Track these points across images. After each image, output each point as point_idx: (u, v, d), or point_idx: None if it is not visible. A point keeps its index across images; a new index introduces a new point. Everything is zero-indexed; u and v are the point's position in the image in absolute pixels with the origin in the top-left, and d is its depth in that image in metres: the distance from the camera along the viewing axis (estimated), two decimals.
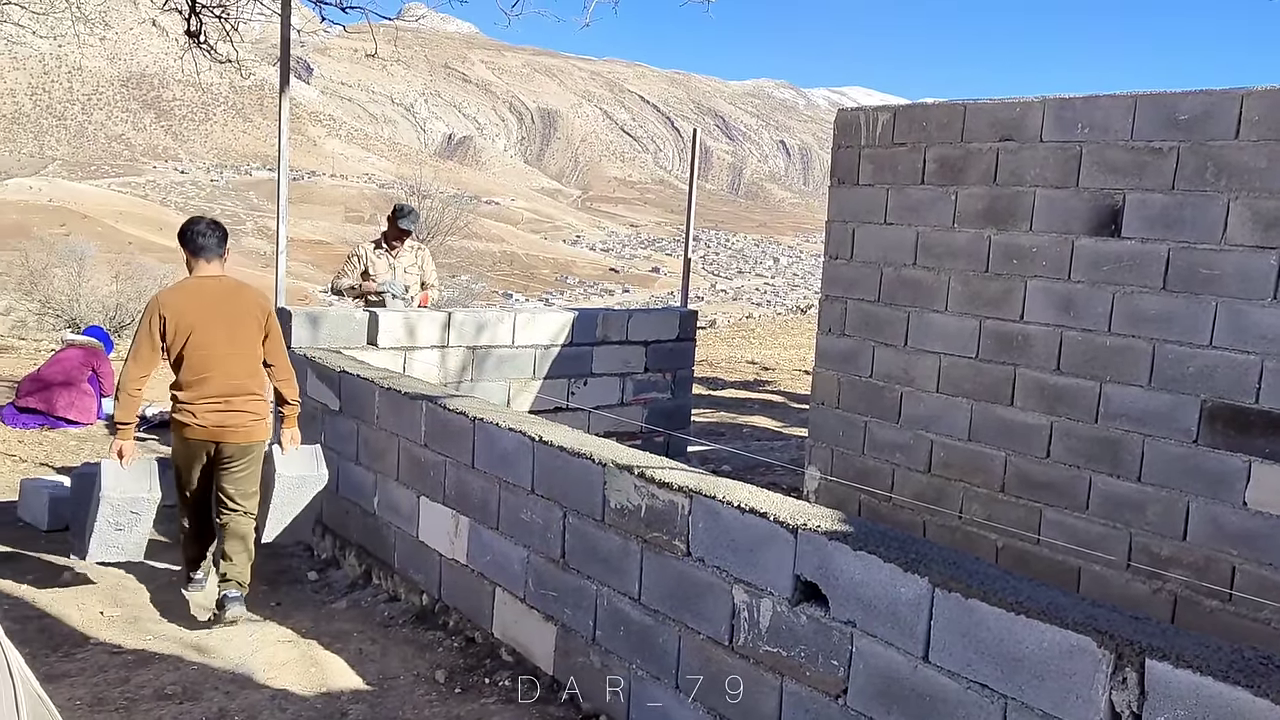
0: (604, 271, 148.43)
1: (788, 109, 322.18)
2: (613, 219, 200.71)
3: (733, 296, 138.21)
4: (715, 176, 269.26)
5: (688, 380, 7.10)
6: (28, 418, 7.88)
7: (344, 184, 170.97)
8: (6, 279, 43.60)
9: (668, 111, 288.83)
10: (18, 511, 5.55)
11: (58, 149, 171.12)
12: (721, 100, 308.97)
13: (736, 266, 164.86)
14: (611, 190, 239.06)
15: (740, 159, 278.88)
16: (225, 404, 4.32)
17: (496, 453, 3.92)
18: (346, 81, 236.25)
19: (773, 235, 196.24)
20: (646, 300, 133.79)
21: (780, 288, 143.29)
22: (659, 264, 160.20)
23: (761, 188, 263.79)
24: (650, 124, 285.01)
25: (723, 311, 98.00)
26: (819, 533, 2.65)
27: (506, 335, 6.22)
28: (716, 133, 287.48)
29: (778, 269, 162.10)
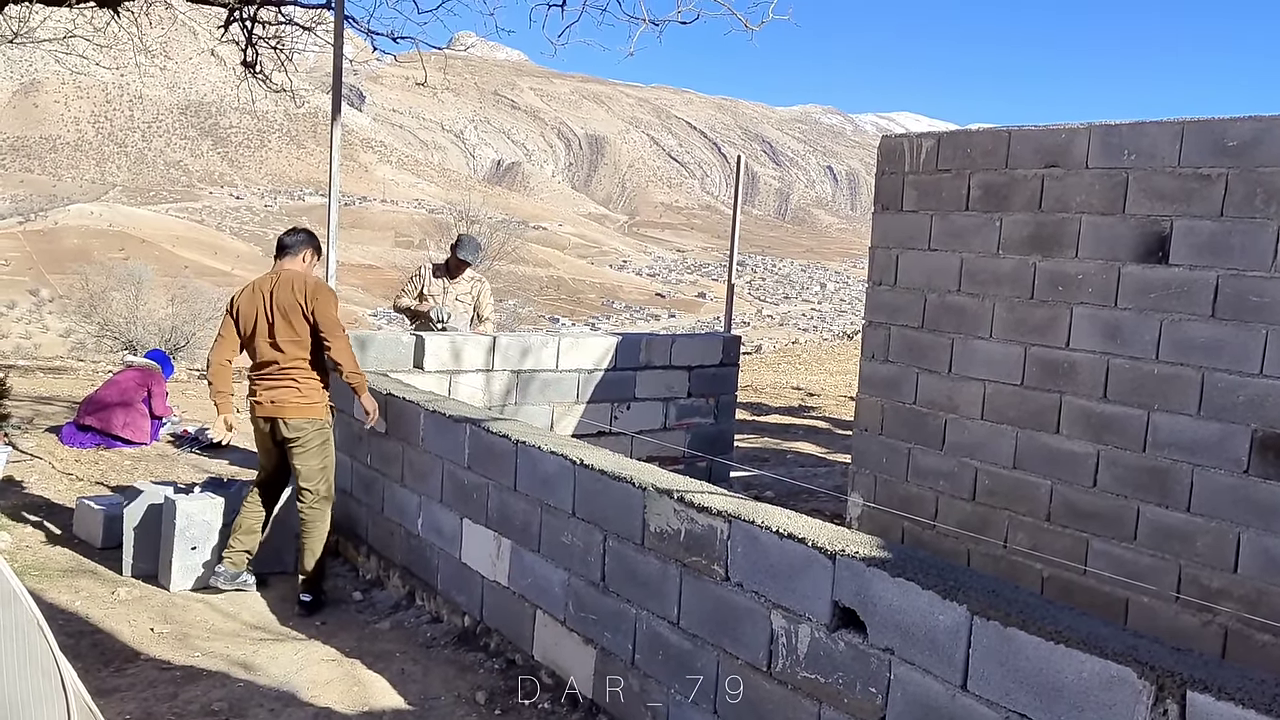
0: (650, 296, 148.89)
1: (835, 134, 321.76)
2: (659, 244, 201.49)
3: (779, 322, 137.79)
4: (762, 202, 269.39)
5: (730, 405, 7.11)
6: (85, 437, 8.08)
7: (394, 209, 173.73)
8: (67, 302, 44.65)
9: (715, 137, 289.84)
10: (74, 529, 5.69)
11: (118, 175, 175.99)
12: (769, 126, 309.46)
13: (783, 292, 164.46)
14: (658, 215, 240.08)
15: (787, 184, 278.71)
16: (275, 383, 4.77)
17: (538, 476, 3.96)
18: (398, 109, 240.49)
19: (820, 260, 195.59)
20: (692, 325, 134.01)
21: (827, 313, 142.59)
22: (705, 289, 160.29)
23: (808, 213, 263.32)
24: (697, 149, 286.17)
25: (769, 337, 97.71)
26: (857, 559, 2.65)
27: (550, 359, 6.29)
28: (763, 158, 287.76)
29: (825, 294, 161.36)
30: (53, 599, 4.66)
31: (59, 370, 15.12)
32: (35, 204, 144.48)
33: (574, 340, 6.40)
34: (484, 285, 7.32)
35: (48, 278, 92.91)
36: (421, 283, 7.13)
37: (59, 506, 6.29)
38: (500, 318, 28.04)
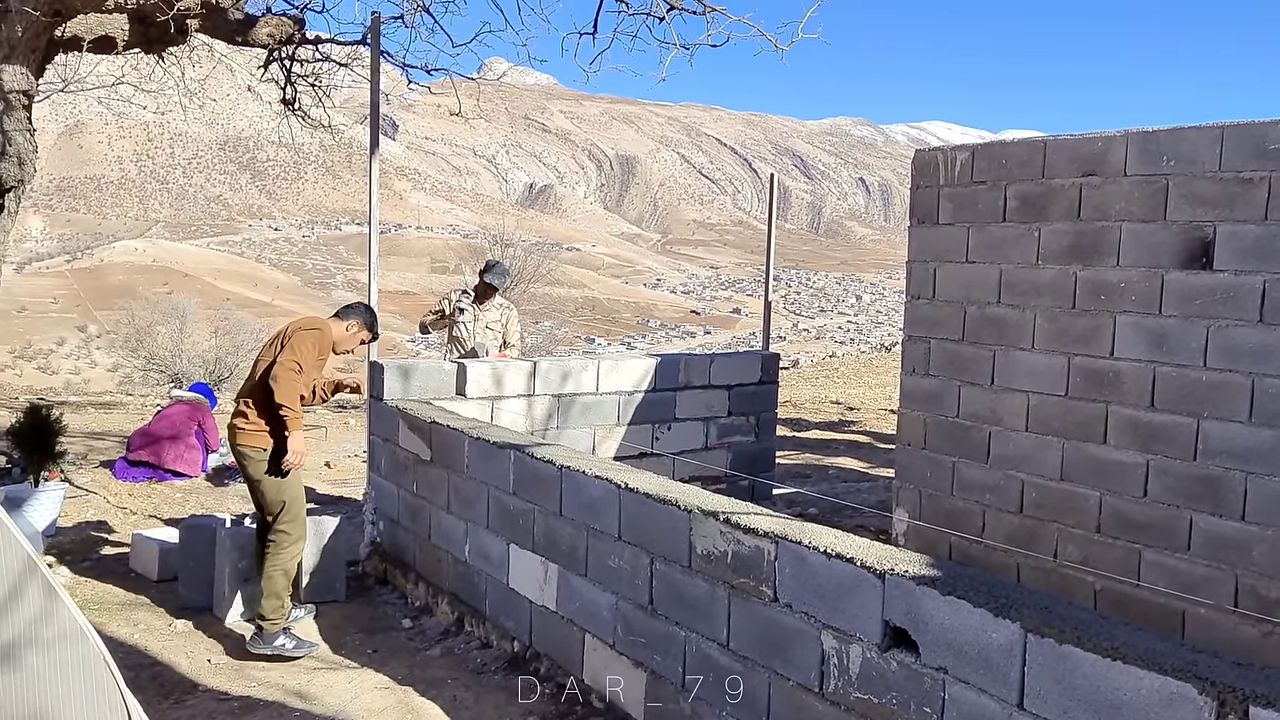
0: (685, 314, 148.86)
1: (866, 146, 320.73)
2: (693, 261, 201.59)
3: (815, 335, 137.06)
4: (794, 216, 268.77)
5: (771, 423, 7.10)
6: (137, 471, 8.24)
7: (429, 235, 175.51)
8: (114, 337, 45.49)
9: (745, 153, 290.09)
10: (130, 563, 5.81)
11: (160, 211, 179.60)
12: (799, 140, 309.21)
13: (818, 305, 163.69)
14: (691, 233, 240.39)
15: (819, 197, 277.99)
16: (233, 411, 4.96)
17: (583, 500, 3.99)
18: (430, 136, 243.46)
19: (854, 272, 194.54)
20: (728, 341, 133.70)
21: (863, 325, 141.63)
22: (740, 304, 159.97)
23: (842, 225, 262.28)
24: (728, 166, 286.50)
25: (805, 351, 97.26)
26: (907, 577, 2.65)
27: (590, 382, 6.32)
28: (795, 172, 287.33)
29: (860, 306, 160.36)
30: (112, 632, 4.75)
31: (109, 405, 15.45)
32: (81, 242, 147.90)
33: (613, 362, 6.43)
34: (512, 313, 7.40)
35: (95, 314, 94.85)
36: (451, 306, 7.28)
37: (115, 540, 6.42)
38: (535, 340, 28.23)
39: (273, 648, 4.52)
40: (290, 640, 4.58)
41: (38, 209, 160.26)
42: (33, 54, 4.84)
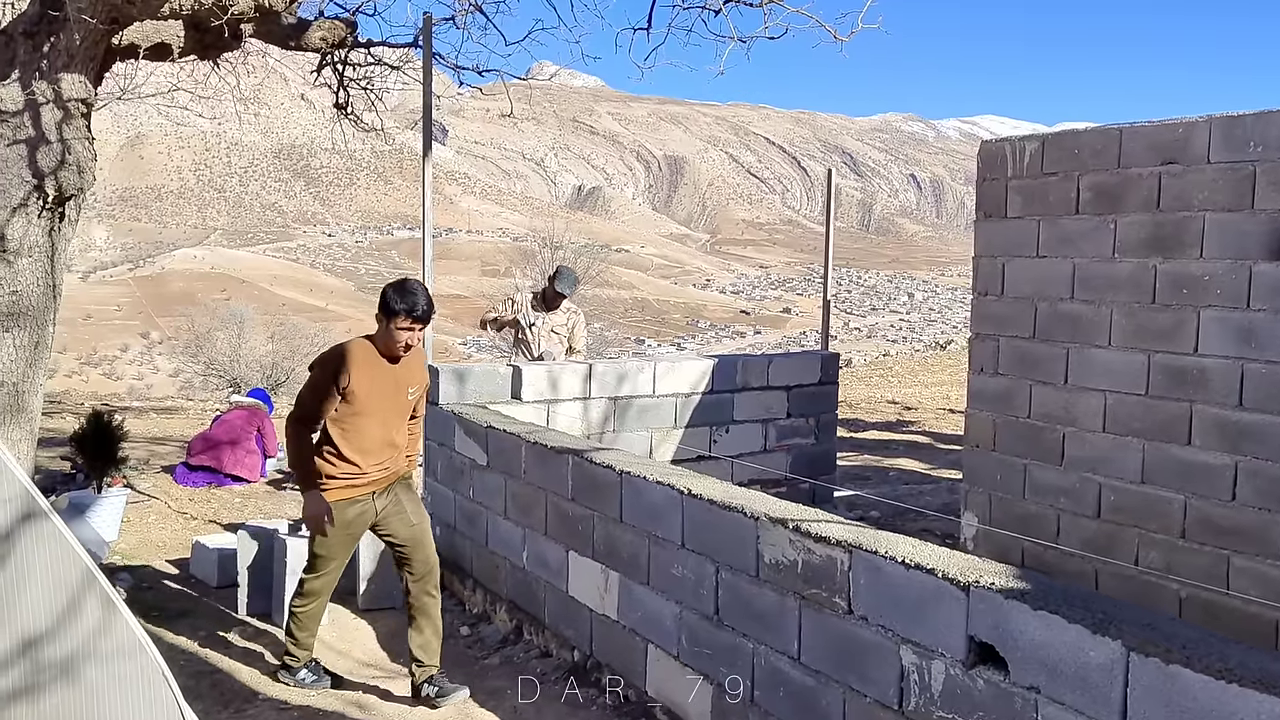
0: (735, 314, 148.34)
1: (917, 142, 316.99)
2: (742, 261, 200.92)
3: (866, 334, 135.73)
4: (845, 214, 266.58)
5: (831, 425, 6.94)
6: (197, 476, 8.31)
7: (479, 239, 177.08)
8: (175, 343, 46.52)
9: (794, 151, 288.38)
10: (190, 568, 5.83)
11: (218, 219, 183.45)
12: (848, 137, 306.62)
13: (869, 304, 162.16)
14: (740, 233, 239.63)
15: (870, 195, 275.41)
16: None
17: (644, 506, 3.88)
18: (480, 140, 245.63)
19: (906, 270, 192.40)
20: (778, 341, 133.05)
21: (916, 323, 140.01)
22: (790, 304, 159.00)
23: (893, 223, 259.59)
24: (777, 165, 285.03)
25: (857, 350, 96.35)
26: (993, 590, 2.49)
27: (647, 385, 6.22)
28: (844, 169, 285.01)
29: (912, 304, 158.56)
30: (173, 640, 4.75)
31: (170, 410, 15.70)
32: (143, 251, 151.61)
33: (670, 364, 6.32)
34: (579, 317, 7.32)
35: (156, 321, 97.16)
36: (518, 307, 7.20)
37: (176, 545, 6.46)
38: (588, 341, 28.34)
39: (295, 680, 4.30)
40: (310, 675, 4.32)
41: (101, 219, 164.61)
42: (91, 62, 4.86)
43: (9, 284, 4.94)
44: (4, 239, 4.86)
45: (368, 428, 4.07)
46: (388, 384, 4.09)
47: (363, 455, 4.07)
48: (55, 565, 2.45)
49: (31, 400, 5.21)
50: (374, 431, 4.08)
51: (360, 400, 4.02)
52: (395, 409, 4.15)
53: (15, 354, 5.04)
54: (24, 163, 4.84)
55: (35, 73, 4.80)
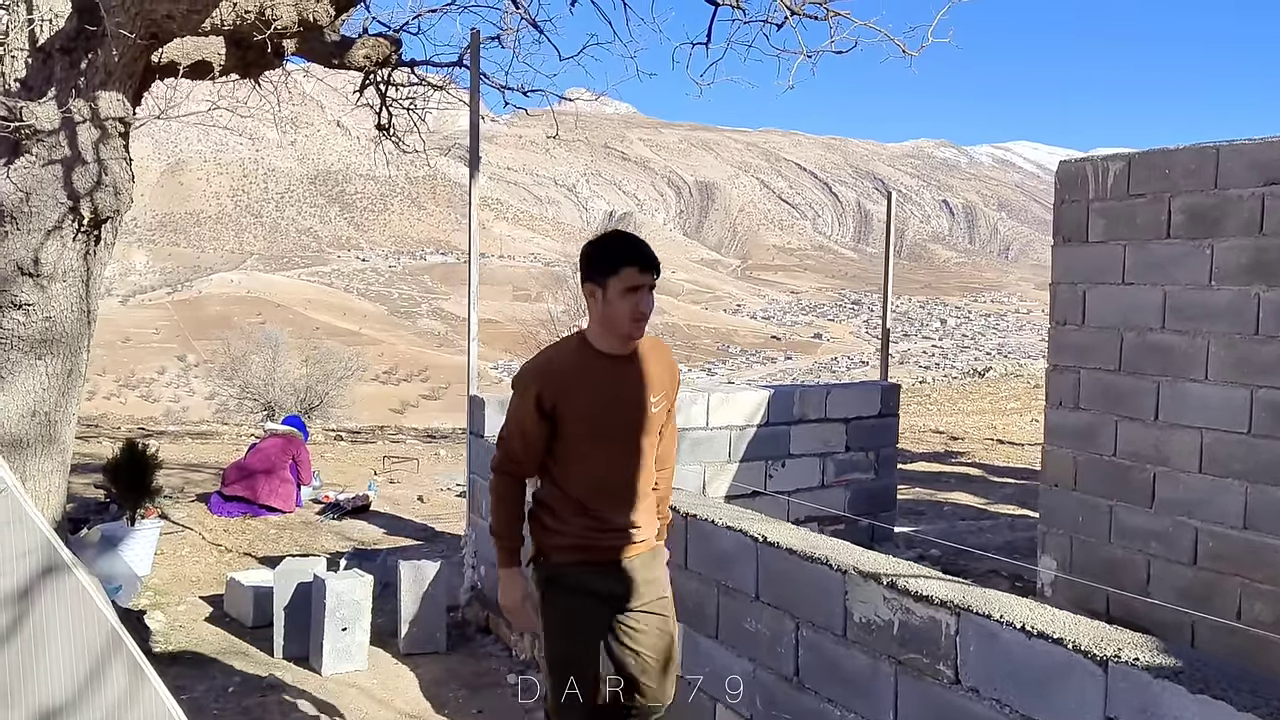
0: (765, 339, 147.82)
1: (949, 168, 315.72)
2: (773, 286, 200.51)
3: (898, 360, 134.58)
4: (875, 239, 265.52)
5: (891, 459, 6.61)
6: (232, 506, 8.11)
7: (511, 264, 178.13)
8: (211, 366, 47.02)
9: (825, 177, 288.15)
10: (224, 606, 5.59)
11: (255, 244, 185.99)
12: (880, 163, 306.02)
13: (901, 329, 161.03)
14: (771, 258, 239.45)
15: (901, 220, 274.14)
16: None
17: (712, 552, 3.58)
18: (512, 166, 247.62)
19: (938, 296, 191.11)
20: (810, 367, 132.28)
21: (949, 349, 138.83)
22: (821, 330, 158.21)
23: (925, 248, 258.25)
24: (808, 190, 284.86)
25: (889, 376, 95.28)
26: (1139, 666, 2.17)
27: (700, 416, 5.93)
28: (875, 195, 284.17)
29: (945, 330, 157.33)
30: (207, 684, 4.50)
31: (206, 435, 15.59)
32: (181, 275, 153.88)
33: (724, 395, 6.03)
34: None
35: (193, 344, 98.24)
36: None
37: (210, 580, 6.23)
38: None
39: None
40: None
41: (141, 243, 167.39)
42: (129, 80, 4.68)
43: (42, 310, 4.74)
44: (38, 263, 4.67)
45: (596, 467, 2.93)
46: (619, 394, 2.92)
47: (597, 506, 2.93)
48: (78, 626, 2.20)
49: (64, 430, 5.01)
50: (607, 470, 2.94)
51: (581, 427, 2.88)
52: (636, 429, 2.95)
53: (48, 383, 4.84)
54: (59, 184, 4.65)
55: (72, 90, 4.62)
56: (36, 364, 4.79)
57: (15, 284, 4.66)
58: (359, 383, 43.02)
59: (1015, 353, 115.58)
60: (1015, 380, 26.60)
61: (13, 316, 4.69)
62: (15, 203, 4.58)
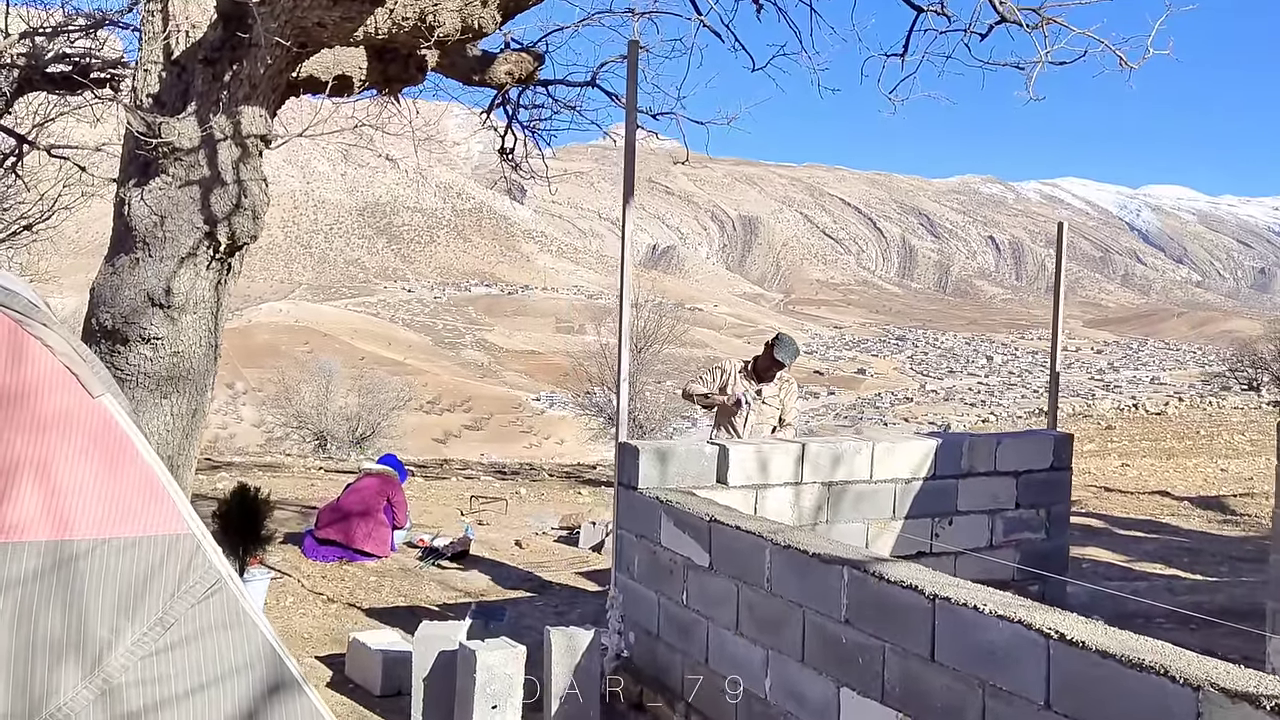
0: (808, 374, 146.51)
1: (996, 204, 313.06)
2: (816, 321, 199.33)
3: (944, 397, 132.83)
4: (921, 275, 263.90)
5: (1064, 517, 5.99)
6: (327, 550, 7.66)
7: (554, 296, 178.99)
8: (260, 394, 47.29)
9: (869, 212, 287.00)
10: (346, 670, 5.09)
11: (303, 274, 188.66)
12: (925, 198, 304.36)
13: (947, 366, 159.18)
14: (814, 293, 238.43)
15: (947, 256, 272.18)
16: None
17: (973, 645, 3.01)
18: (557, 200, 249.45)
19: (984, 333, 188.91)
20: (853, 402, 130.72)
21: (995, 387, 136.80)
22: (864, 365, 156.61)
23: (970, 284, 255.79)
24: (852, 225, 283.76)
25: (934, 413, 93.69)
26: None
27: (864, 468, 5.37)
28: (921, 231, 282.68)
29: (991, 367, 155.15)
30: None
31: (273, 467, 15.26)
32: (232, 304, 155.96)
33: (889, 445, 5.47)
34: (791, 386, 6.53)
35: (242, 371, 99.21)
36: (726, 377, 6.43)
37: (322, 638, 5.75)
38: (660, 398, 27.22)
39: None
40: None
41: None
42: (273, 94, 4.29)
43: (170, 344, 4.32)
44: (169, 293, 4.26)
45: None
46: None
47: None
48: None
49: (186, 475, 4.58)
50: None
51: None
52: None
53: (172, 423, 4.41)
54: (195, 206, 4.25)
55: (213, 106, 4.22)
56: (162, 403, 4.36)
57: (144, 316, 4.25)
58: (406, 413, 42.94)
59: (1064, 391, 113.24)
60: (1084, 421, 25.73)
61: (140, 351, 4.28)
62: (149, 227, 4.18)
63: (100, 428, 1.85)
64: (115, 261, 4.34)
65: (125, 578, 1.60)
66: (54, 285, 15.36)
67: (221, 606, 1.76)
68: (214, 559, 1.86)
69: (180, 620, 1.72)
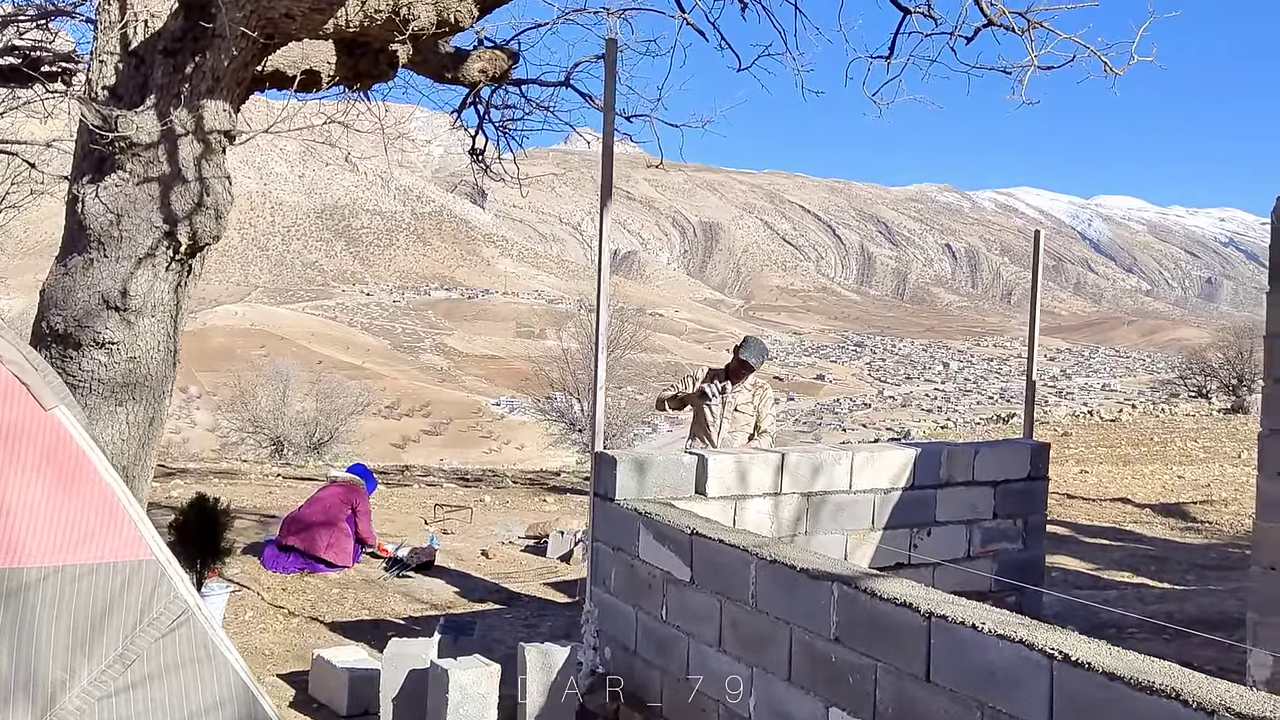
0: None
1: (952, 212, 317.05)
2: (776, 327, 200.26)
3: (901, 403, 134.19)
4: (879, 282, 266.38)
5: (1040, 527, 5.95)
6: (288, 560, 7.42)
7: (515, 300, 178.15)
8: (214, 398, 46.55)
9: (828, 220, 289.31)
10: (309, 689, 4.89)
11: (260, 277, 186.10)
12: (883, 206, 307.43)
13: (904, 372, 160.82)
14: (774, 299, 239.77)
15: (904, 264, 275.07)
16: None
17: (972, 666, 2.92)
18: (518, 204, 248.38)
19: (941, 339, 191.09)
20: (811, 408, 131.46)
21: (951, 393, 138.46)
22: (823, 371, 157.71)
23: (928, 292, 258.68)
24: (811, 232, 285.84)
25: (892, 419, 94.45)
26: None
27: (843, 479, 5.28)
28: (879, 238, 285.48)
29: (948, 374, 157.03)
30: None
31: (230, 474, 14.89)
32: (188, 307, 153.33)
33: (869, 454, 5.38)
34: (765, 392, 6.43)
35: (196, 375, 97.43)
36: (692, 386, 6.33)
37: (284, 655, 5.54)
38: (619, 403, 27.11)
39: None
40: None
41: None
42: (238, 87, 4.11)
43: (127, 349, 4.11)
44: (125, 295, 4.05)
45: None
46: None
47: None
48: None
49: (142, 488, 4.36)
50: None
51: None
52: None
53: (128, 432, 4.20)
54: (154, 205, 4.05)
55: (174, 99, 4.03)
56: (116, 411, 4.16)
57: (99, 319, 4.04)
58: (364, 418, 42.37)
59: (1018, 397, 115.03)
60: (1041, 427, 26.01)
61: (94, 356, 4.06)
62: (104, 226, 3.97)
63: (53, 443, 1.68)
64: (67, 262, 4.13)
65: (81, 609, 1.44)
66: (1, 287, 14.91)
67: (189, 640, 1.60)
68: (180, 587, 1.70)
69: (143, 656, 1.55)
